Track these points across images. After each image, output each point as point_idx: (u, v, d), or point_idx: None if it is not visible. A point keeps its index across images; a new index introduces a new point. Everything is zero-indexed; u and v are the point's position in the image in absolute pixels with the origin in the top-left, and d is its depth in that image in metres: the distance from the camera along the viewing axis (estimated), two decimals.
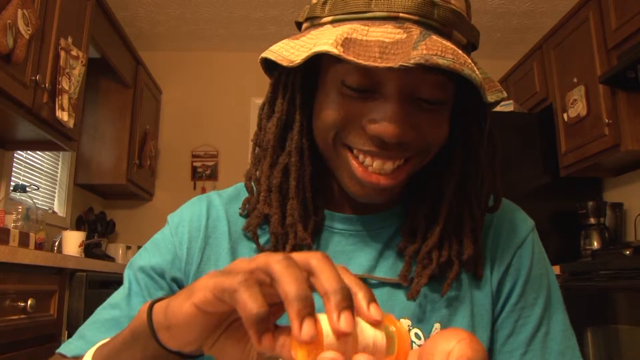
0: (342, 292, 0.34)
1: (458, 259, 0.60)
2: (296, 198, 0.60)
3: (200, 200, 0.70)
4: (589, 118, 2.72)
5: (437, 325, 0.60)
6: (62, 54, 2.27)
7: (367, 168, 0.56)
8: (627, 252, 2.17)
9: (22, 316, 1.63)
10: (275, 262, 0.35)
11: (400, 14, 0.52)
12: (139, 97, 3.54)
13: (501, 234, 0.66)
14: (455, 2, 0.55)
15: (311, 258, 0.36)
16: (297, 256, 0.37)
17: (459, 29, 0.56)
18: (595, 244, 2.79)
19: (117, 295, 0.64)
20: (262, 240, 0.64)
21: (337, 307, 0.33)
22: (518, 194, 2.93)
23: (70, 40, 2.36)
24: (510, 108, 3.19)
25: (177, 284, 0.64)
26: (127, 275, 0.65)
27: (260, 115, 0.64)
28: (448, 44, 0.51)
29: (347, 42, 0.50)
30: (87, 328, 0.62)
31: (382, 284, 0.62)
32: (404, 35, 0.50)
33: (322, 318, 0.34)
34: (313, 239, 0.63)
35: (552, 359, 0.61)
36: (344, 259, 0.63)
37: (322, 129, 0.58)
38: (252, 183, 0.65)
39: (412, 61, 0.47)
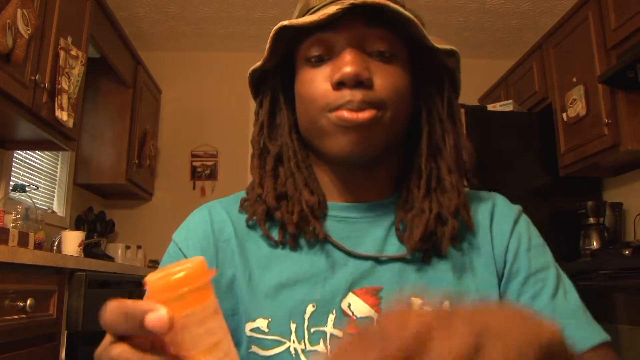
0: None
1: (450, 213, 0.64)
2: (297, 172, 0.67)
3: (201, 210, 0.72)
4: (589, 118, 2.72)
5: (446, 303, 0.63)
6: (62, 53, 2.26)
7: (349, 110, 0.62)
8: (627, 252, 2.18)
9: (22, 316, 1.63)
10: None
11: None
12: (139, 96, 3.53)
13: (495, 212, 0.70)
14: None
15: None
16: None
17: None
18: (595, 243, 2.80)
19: None
20: (269, 249, 0.67)
21: None
22: (517, 194, 2.92)
23: (69, 40, 2.35)
24: (510, 108, 3.20)
25: None
26: None
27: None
28: None
29: (296, 20, 0.62)
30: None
31: (392, 260, 0.65)
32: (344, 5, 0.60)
33: None
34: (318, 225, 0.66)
35: (577, 313, 0.64)
36: (351, 244, 0.66)
37: (304, 108, 0.66)
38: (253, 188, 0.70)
39: (346, 3, 0.58)
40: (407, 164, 0.70)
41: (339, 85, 0.61)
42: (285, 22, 0.62)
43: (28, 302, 1.63)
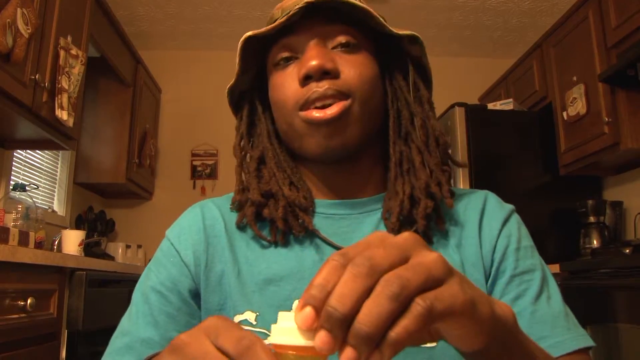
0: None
1: (422, 194, 0.65)
2: (278, 171, 0.69)
3: (194, 208, 0.74)
4: (589, 116, 2.72)
5: None
6: (62, 53, 2.26)
7: (317, 109, 0.63)
8: (627, 251, 2.18)
9: (22, 315, 1.63)
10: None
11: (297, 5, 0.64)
12: (139, 96, 3.53)
13: (486, 210, 0.70)
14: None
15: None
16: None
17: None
18: (595, 242, 2.80)
19: (125, 322, 0.66)
20: (258, 246, 0.68)
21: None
22: (517, 193, 2.93)
23: (69, 39, 2.35)
24: (510, 106, 3.19)
25: (191, 295, 0.66)
26: (134, 299, 0.67)
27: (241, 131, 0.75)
28: None
29: (259, 30, 0.65)
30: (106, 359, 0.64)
31: None
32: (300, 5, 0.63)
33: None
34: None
35: (558, 319, 0.61)
36: (339, 239, 0.67)
37: (279, 112, 0.68)
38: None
39: (301, 3, 0.61)
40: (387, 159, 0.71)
41: (306, 79, 0.63)
42: (250, 33, 0.65)
43: (28, 301, 1.63)
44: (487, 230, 0.68)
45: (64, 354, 1.97)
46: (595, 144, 2.67)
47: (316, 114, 0.62)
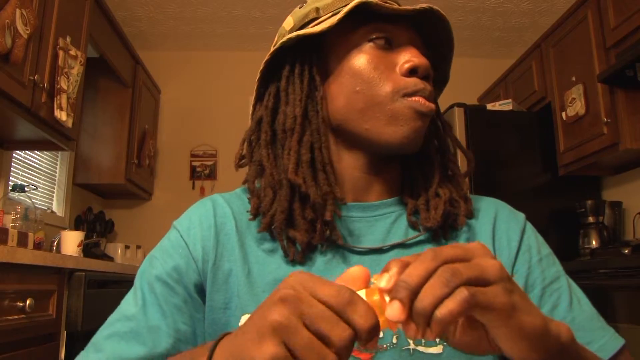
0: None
1: (460, 198, 0.69)
2: (330, 167, 0.66)
3: (205, 202, 0.72)
4: (588, 117, 2.72)
5: None
6: (61, 53, 2.26)
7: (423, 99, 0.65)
8: (626, 251, 2.18)
9: (21, 316, 1.63)
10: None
11: None
12: (138, 96, 3.53)
13: (498, 220, 0.71)
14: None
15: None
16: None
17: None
18: (594, 242, 2.80)
19: (130, 307, 0.64)
20: (268, 245, 0.67)
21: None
22: (517, 193, 2.93)
23: (68, 39, 2.35)
24: (509, 107, 3.20)
25: (197, 289, 0.65)
26: (139, 286, 0.66)
27: (271, 106, 0.69)
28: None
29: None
30: (104, 342, 0.62)
31: (395, 248, 0.67)
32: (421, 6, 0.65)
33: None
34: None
35: (593, 320, 0.64)
36: (352, 240, 0.67)
37: (367, 84, 0.65)
38: (256, 183, 0.69)
39: (418, 6, 0.63)
40: (407, 171, 0.74)
41: (411, 72, 0.65)
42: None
43: (27, 302, 1.62)
44: (504, 242, 0.68)
45: (63, 354, 1.97)
46: (594, 144, 2.67)
47: (424, 102, 0.64)
